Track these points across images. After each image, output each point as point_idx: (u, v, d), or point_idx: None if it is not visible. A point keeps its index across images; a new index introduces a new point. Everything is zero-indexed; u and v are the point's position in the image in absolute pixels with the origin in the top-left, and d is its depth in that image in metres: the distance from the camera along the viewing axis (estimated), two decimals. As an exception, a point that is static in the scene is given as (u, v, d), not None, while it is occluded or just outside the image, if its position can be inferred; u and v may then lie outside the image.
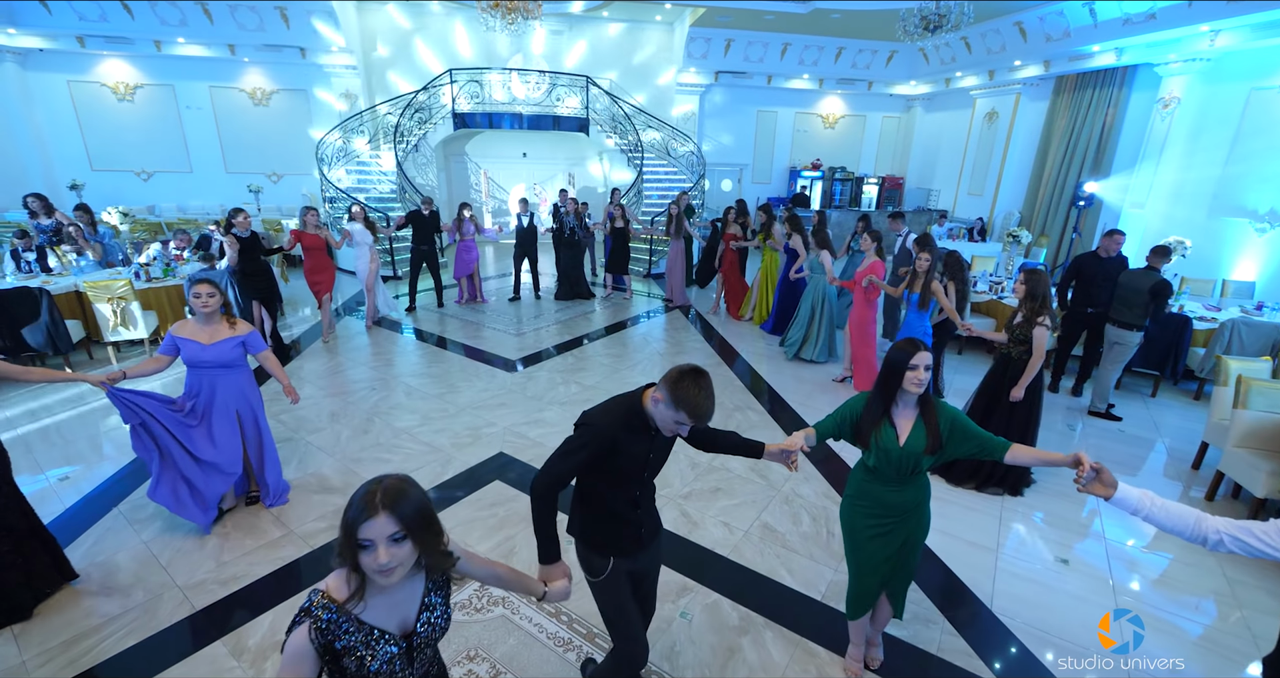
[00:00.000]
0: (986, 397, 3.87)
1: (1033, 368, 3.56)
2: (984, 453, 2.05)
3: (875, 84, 13.59)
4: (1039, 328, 3.49)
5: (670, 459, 4.23)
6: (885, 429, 2.11)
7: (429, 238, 7.41)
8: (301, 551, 3.15)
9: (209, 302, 3.08)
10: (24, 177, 11.35)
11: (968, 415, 3.97)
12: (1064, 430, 4.90)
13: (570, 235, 8.17)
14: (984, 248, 9.92)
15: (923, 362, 2.02)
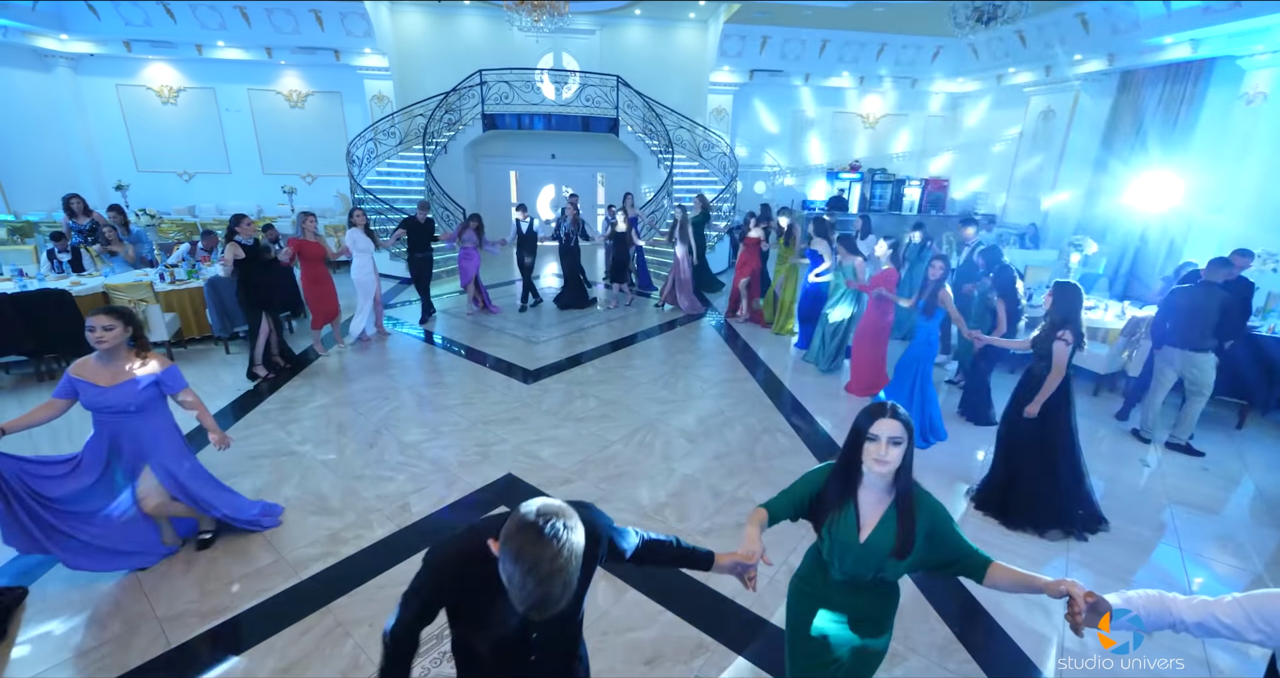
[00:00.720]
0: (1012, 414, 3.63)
1: (1050, 384, 3.36)
2: (961, 569, 1.59)
3: (919, 81, 12.94)
4: (1058, 342, 3.28)
5: (689, 488, 4.00)
6: (845, 517, 1.61)
7: (425, 246, 7.12)
8: (289, 580, 2.94)
9: (104, 336, 2.59)
10: (74, 178, 11.72)
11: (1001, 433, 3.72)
12: (1135, 466, 4.38)
13: (568, 242, 7.90)
14: (1038, 256, 9.26)
15: (887, 432, 1.49)
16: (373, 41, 11.12)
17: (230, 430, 4.51)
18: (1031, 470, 3.49)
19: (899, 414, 1.51)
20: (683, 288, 8.15)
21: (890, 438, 1.50)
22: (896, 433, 1.50)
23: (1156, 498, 3.96)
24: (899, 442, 1.50)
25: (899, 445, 1.50)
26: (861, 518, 1.62)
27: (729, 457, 4.23)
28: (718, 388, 5.50)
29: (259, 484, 3.77)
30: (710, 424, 4.74)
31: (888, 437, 1.50)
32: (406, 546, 3.18)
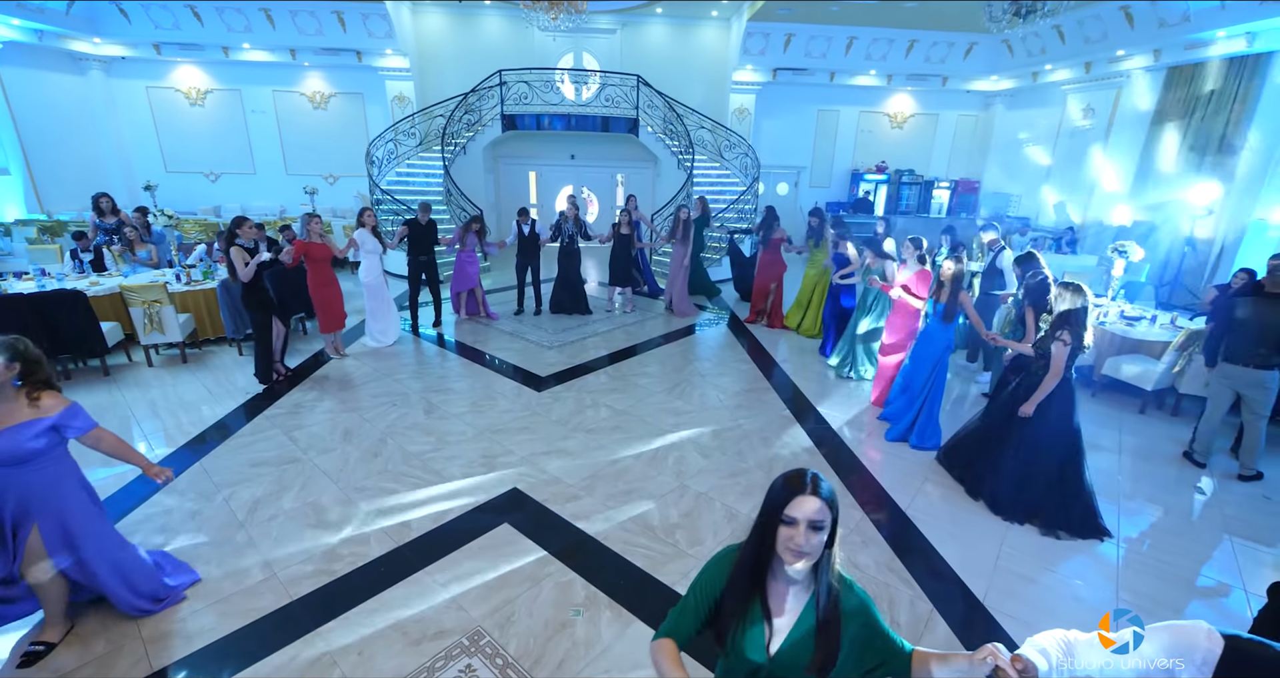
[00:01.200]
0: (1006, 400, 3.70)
1: (1046, 385, 3.36)
2: (885, 672, 1.33)
3: (951, 79, 12.50)
4: (1056, 343, 3.26)
5: (702, 507, 3.78)
6: (750, 625, 1.31)
7: (427, 249, 6.85)
8: (280, 601, 2.81)
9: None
10: (105, 178, 11.95)
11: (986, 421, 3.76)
12: (1186, 493, 4.04)
13: (570, 244, 7.66)
14: (1076, 261, 8.83)
15: (806, 514, 1.18)
16: (394, 42, 11.12)
17: (237, 435, 4.45)
18: (1016, 458, 3.56)
19: (821, 489, 1.21)
20: (678, 291, 7.97)
21: (810, 522, 1.18)
22: (818, 515, 1.18)
23: (1213, 529, 3.63)
24: (820, 526, 1.19)
25: (820, 531, 1.19)
26: (771, 626, 1.30)
27: (745, 474, 4.01)
28: (735, 399, 5.28)
29: (259, 494, 3.66)
30: (726, 438, 4.53)
31: (807, 520, 1.18)
32: (402, 567, 3.03)
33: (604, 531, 3.36)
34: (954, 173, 13.72)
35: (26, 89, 10.41)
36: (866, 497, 3.77)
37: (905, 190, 13.29)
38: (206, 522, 3.40)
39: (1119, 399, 5.45)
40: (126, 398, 5.10)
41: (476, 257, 7.24)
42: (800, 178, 13.79)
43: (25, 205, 10.34)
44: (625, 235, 7.71)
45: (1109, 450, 4.58)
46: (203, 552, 3.14)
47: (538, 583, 2.94)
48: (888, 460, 4.26)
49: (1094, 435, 4.79)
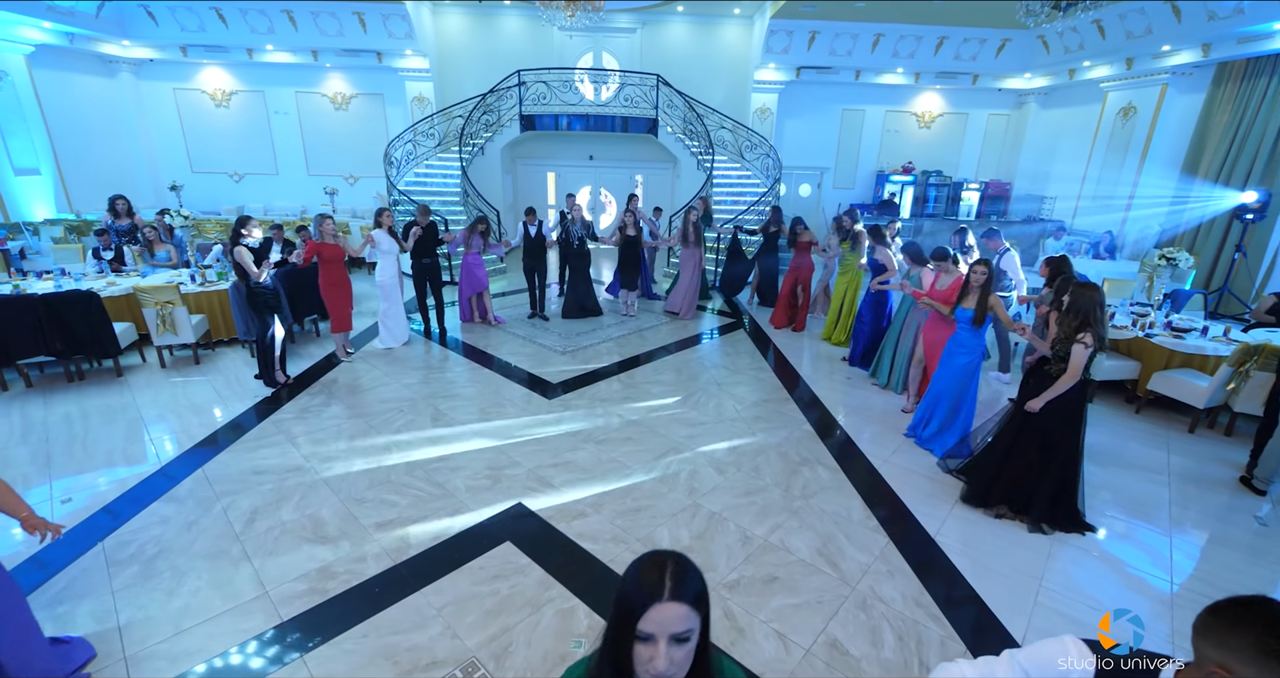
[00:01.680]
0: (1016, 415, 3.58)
1: (1061, 384, 3.27)
2: None
3: (981, 77, 12.07)
4: (1077, 345, 3.17)
5: (715, 529, 3.56)
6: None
7: (430, 251, 6.69)
8: (270, 621, 2.68)
9: None
10: (133, 179, 12.18)
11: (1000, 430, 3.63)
12: (1244, 522, 3.71)
13: (578, 246, 7.46)
14: (1114, 267, 8.41)
15: (665, 627, 0.90)
16: (414, 43, 11.10)
17: (242, 440, 4.37)
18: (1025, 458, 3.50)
19: (684, 591, 0.93)
20: (689, 296, 7.77)
21: (673, 635, 0.91)
22: (681, 625, 0.91)
23: (1274, 564, 3.31)
24: (686, 637, 0.92)
25: (684, 644, 0.93)
26: None
27: (762, 493, 3.79)
28: (753, 409, 5.06)
29: (258, 504, 3.56)
30: (742, 452, 4.31)
31: (668, 635, 0.91)
32: (398, 587, 2.89)
33: (610, 552, 3.17)
34: (984, 174, 13.27)
35: (58, 91, 10.60)
36: (892, 520, 3.53)
37: (933, 192, 12.88)
38: (203, 533, 3.30)
39: (1165, 416, 5.10)
40: (137, 400, 5.07)
41: (483, 259, 7.10)
42: (823, 179, 13.46)
43: (55, 205, 10.54)
44: (632, 237, 7.50)
45: (1155, 472, 4.26)
46: (195, 565, 3.04)
47: (538, 610, 2.77)
48: (913, 479, 4.01)
49: (1138, 455, 4.49)
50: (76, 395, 5.13)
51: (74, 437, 4.39)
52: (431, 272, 6.80)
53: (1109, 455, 4.43)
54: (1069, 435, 3.40)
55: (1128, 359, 5.18)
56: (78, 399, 5.05)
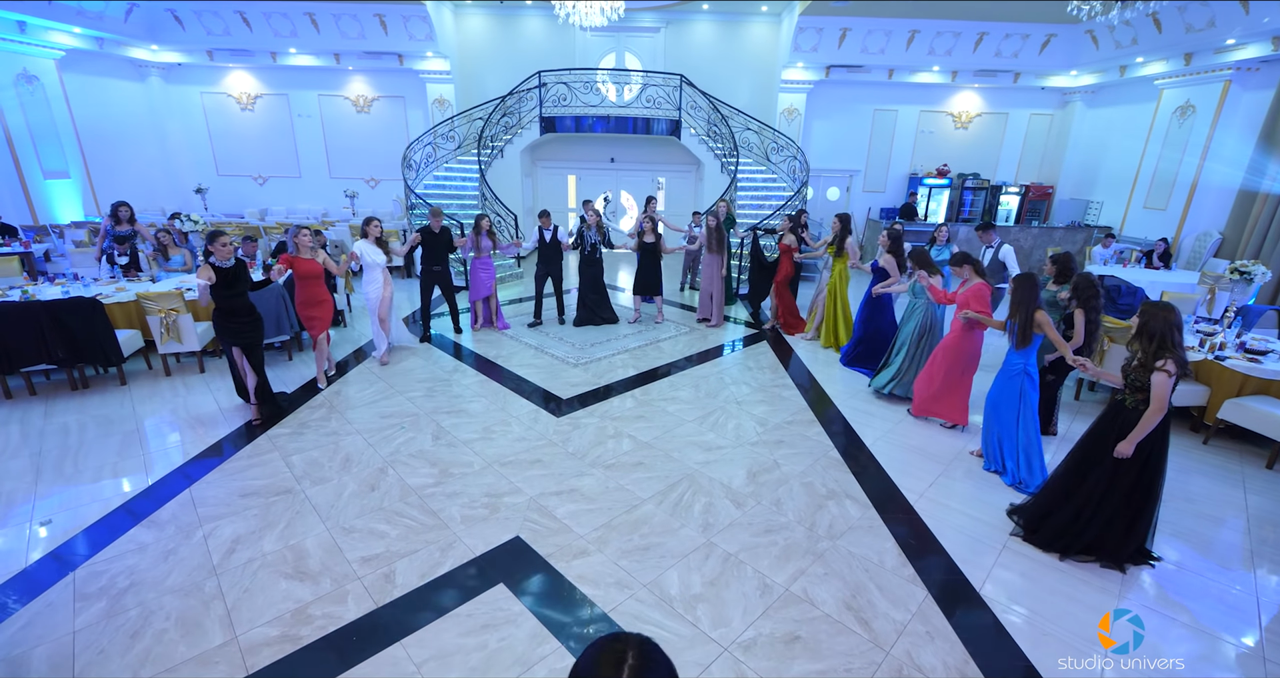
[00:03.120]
0: (1088, 449, 3.17)
1: (1149, 421, 2.86)
2: None
3: (1024, 75, 11.46)
4: (1159, 373, 2.79)
5: (731, 573, 3.18)
6: None
7: (441, 258, 6.50)
8: (235, 673, 2.44)
9: None
10: (160, 182, 12.34)
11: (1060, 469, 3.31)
12: (1345, 578, 3.22)
13: (592, 252, 7.20)
14: (1170, 277, 7.80)
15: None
16: (434, 45, 11.00)
17: (234, 458, 4.19)
18: (1094, 499, 3.13)
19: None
20: (717, 303, 7.48)
21: None
22: None
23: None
24: None
25: None
26: None
27: (784, 531, 3.43)
28: (775, 433, 4.69)
29: (241, 531, 3.34)
30: (763, 482, 3.96)
31: None
32: (376, 636, 2.62)
33: (613, 600, 2.86)
34: (1024, 177, 12.63)
35: (88, 95, 10.76)
36: (931, 570, 3.14)
37: (969, 196, 12.29)
38: (179, 564, 3.08)
39: (1239, 448, 4.58)
40: (138, 410, 4.94)
41: (491, 262, 6.87)
42: (853, 182, 12.97)
43: (82, 208, 10.68)
44: (650, 243, 7.21)
45: (1232, 509, 3.78)
46: (165, 602, 2.81)
47: (529, 668, 2.47)
48: (953, 517, 3.60)
49: (1208, 491, 4.01)
50: (78, 404, 5.02)
51: (67, 450, 4.25)
52: (442, 278, 6.60)
53: (1172, 491, 3.94)
54: (1150, 468, 3.01)
55: (1194, 384, 4.67)
56: (79, 408, 4.94)
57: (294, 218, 12.59)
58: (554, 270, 7.25)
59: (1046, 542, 3.28)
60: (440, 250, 6.45)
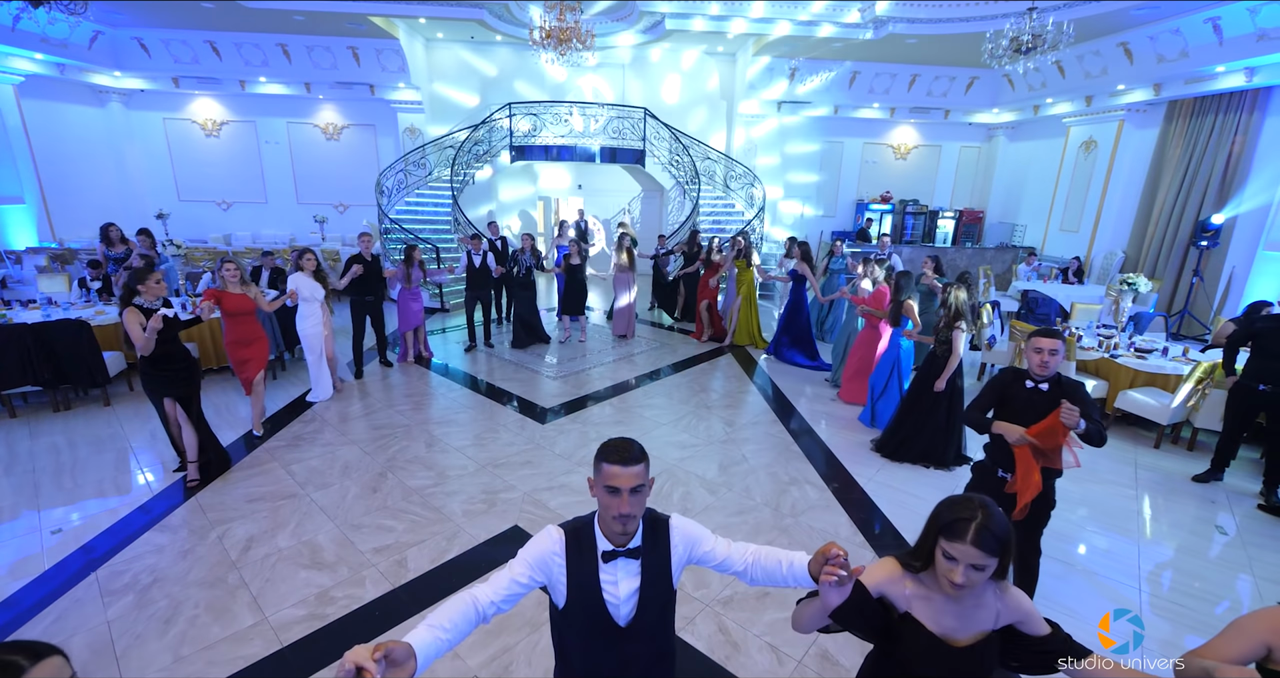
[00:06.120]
0: (916, 389, 4.61)
1: (951, 364, 4.32)
2: None
3: (953, 112, 12.68)
4: (956, 331, 4.25)
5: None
6: None
7: (374, 287, 6.17)
8: (270, 648, 2.70)
9: None
10: (118, 207, 12.13)
11: (901, 406, 4.75)
12: (1197, 528, 3.88)
13: (526, 275, 7.42)
14: (1082, 291, 8.78)
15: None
16: (406, 76, 11.39)
17: (234, 469, 4.38)
18: (917, 418, 4.58)
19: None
20: (627, 315, 8.13)
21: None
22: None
23: (1233, 568, 3.48)
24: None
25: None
26: None
27: (753, 512, 3.89)
28: (742, 432, 5.19)
29: (253, 531, 3.57)
30: (733, 473, 4.42)
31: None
32: (396, 610, 2.92)
33: (607, 573, 3.24)
34: (958, 203, 13.81)
35: (46, 120, 10.66)
36: (878, 537, 3.65)
37: (910, 220, 13.35)
38: (199, 561, 3.30)
39: (1133, 433, 5.33)
40: (126, 429, 5.05)
41: (421, 292, 6.73)
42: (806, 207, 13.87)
43: (37, 233, 10.48)
44: (577, 265, 7.58)
45: (1124, 485, 4.45)
46: (191, 593, 3.04)
47: (537, 629, 2.82)
48: (898, 496, 4.14)
49: (1108, 470, 4.68)
50: (63, 425, 5.09)
51: (62, 466, 4.36)
52: (373, 309, 6.39)
53: (1083, 472, 4.60)
54: (955, 397, 4.46)
55: (1096, 378, 5.42)
56: (64, 429, 5.01)
57: (260, 243, 12.59)
58: (484, 295, 7.30)
59: (894, 453, 4.65)
60: (371, 280, 6.17)
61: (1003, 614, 1.38)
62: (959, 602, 1.37)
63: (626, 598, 1.48)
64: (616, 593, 1.47)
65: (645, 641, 1.53)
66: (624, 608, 1.49)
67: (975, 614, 1.36)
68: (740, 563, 1.53)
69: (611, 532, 1.45)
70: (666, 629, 1.61)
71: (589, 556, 1.47)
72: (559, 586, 1.47)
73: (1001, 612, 1.38)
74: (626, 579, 1.48)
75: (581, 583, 1.46)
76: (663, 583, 1.51)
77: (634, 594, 1.48)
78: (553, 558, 1.45)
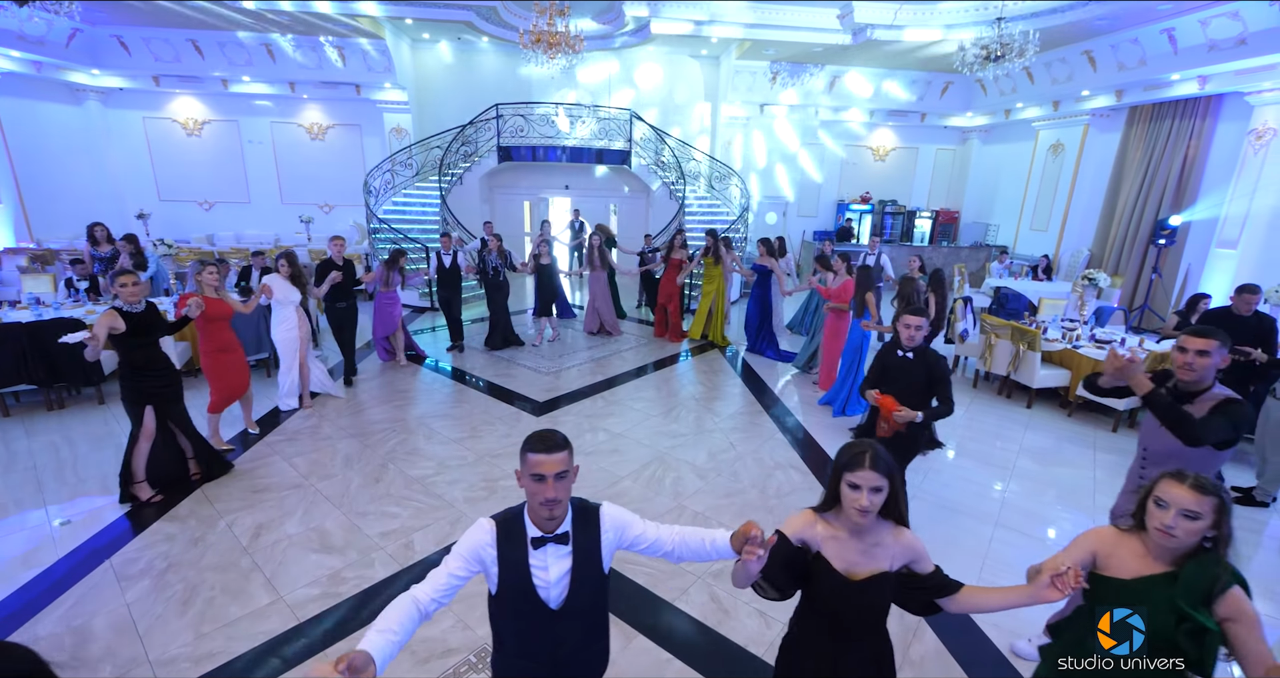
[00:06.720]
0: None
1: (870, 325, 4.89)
2: None
3: (929, 116, 13.10)
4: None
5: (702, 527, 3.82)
6: None
7: (348, 293, 6.01)
8: (287, 623, 2.84)
9: None
10: (97, 207, 11.99)
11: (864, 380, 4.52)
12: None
13: (495, 276, 7.33)
14: (1051, 287, 9.18)
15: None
16: (392, 76, 11.44)
17: (237, 462, 4.48)
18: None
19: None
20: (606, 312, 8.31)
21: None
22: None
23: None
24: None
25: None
26: None
27: (741, 494, 4.12)
28: (729, 421, 5.41)
29: (261, 520, 3.70)
30: (722, 459, 4.65)
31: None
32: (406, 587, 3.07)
33: (605, 551, 3.43)
34: (934, 203, 14.24)
35: (22, 119, 10.53)
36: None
37: (889, 220, 13.74)
38: (210, 548, 3.42)
39: (1094, 419, 5.67)
40: (122, 427, 5.07)
41: (398, 296, 6.66)
42: (789, 208, 14.21)
43: (14, 234, 10.35)
44: (546, 265, 7.59)
45: (1084, 468, 4.76)
46: (207, 577, 3.17)
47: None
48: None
49: (1069, 454, 4.99)
50: (59, 423, 5.13)
51: (63, 463, 4.42)
52: (347, 315, 6.15)
53: (1049, 455, 4.92)
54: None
55: (1061, 369, 5.76)
56: (60, 427, 5.06)
57: (244, 244, 12.54)
58: (454, 296, 7.22)
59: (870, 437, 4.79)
60: (345, 284, 5.96)
61: (897, 554, 1.59)
62: (861, 539, 1.58)
63: (557, 581, 1.57)
64: (547, 577, 1.56)
65: (577, 622, 1.62)
66: (554, 591, 1.57)
67: (874, 552, 1.58)
68: (669, 544, 1.67)
69: (540, 518, 1.55)
70: (599, 611, 1.72)
71: (519, 543, 1.55)
72: (492, 573, 1.55)
73: (896, 552, 1.59)
74: (557, 563, 1.57)
75: (511, 569, 1.54)
76: (593, 566, 1.61)
77: (564, 577, 1.57)
78: (484, 549, 1.53)
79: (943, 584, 1.61)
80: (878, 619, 1.64)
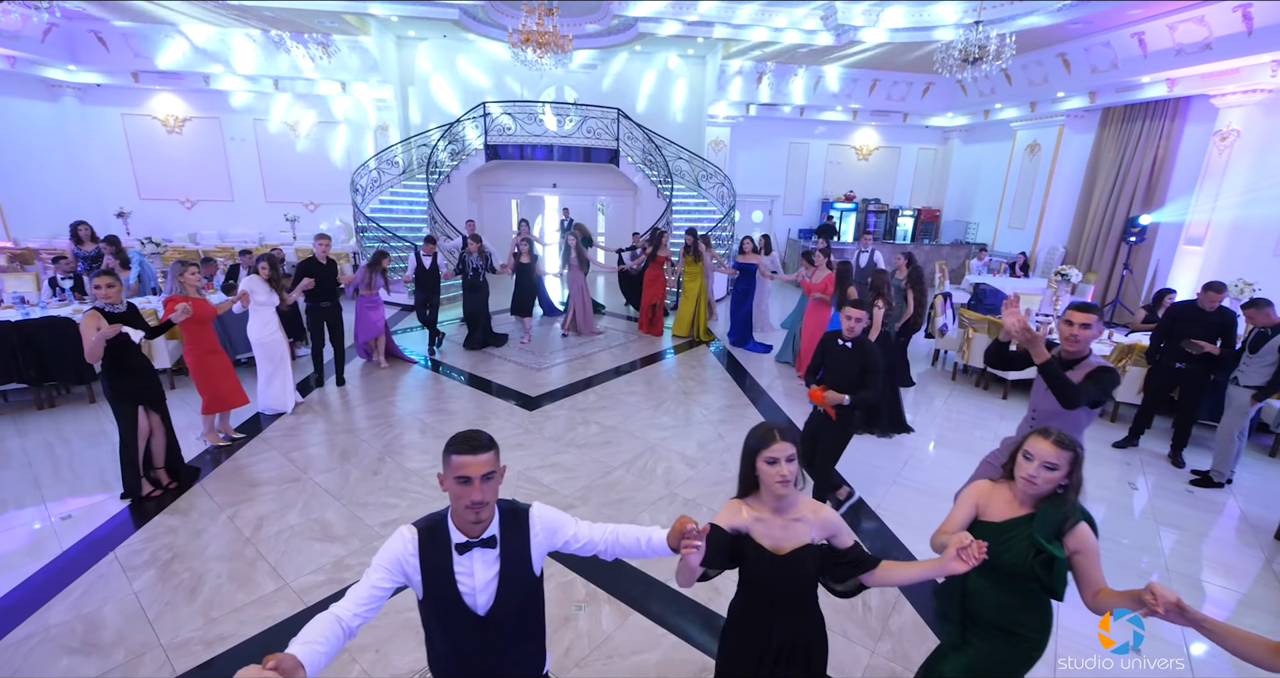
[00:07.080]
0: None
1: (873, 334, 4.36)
2: None
3: (911, 116, 13.36)
4: (876, 310, 4.42)
5: (691, 513, 4.01)
6: None
7: (330, 293, 5.89)
8: (294, 608, 2.93)
9: None
10: (75, 205, 11.80)
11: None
12: (1117, 487, 4.43)
13: (474, 277, 7.34)
14: (1027, 283, 9.47)
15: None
16: (377, 73, 11.42)
17: (234, 457, 4.53)
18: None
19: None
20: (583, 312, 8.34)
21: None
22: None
23: (1148, 522, 4.01)
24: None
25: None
26: None
27: (730, 482, 4.21)
28: (718, 414, 5.56)
29: (262, 512, 3.77)
30: (711, 449, 4.79)
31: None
32: (412, 573, 3.18)
33: (601, 537, 3.56)
34: (916, 202, 14.53)
35: (-4, 115, 10.35)
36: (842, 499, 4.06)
37: (873, 218, 14.00)
38: (214, 539, 3.49)
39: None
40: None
41: (380, 299, 6.59)
42: (774, 206, 14.42)
43: (-8, 232, 10.18)
44: (526, 264, 7.59)
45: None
46: (212, 566, 3.24)
47: (542, 586, 3.12)
48: (857, 468, 4.57)
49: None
50: (51, 422, 5.13)
51: (59, 460, 4.44)
52: (331, 315, 6.02)
53: (1023, 444, 5.13)
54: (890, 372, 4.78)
55: (1036, 362, 5.99)
56: (53, 426, 5.06)
57: (228, 242, 12.44)
58: (433, 298, 7.19)
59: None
60: (328, 284, 5.86)
61: (818, 528, 1.71)
62: (783, 514, 1.71)
63: (484, 587, 1.52)
64: (473, 583, 1.51)
65: (507, 627, 1.57)
66: (481, 597, 1.52)
67: (796, 527, 1.70)
68: (602, 543, 1.65)
69: (465, 523, 1.49)
70: (531, 615, 1.65)
71: (442, 550, 1.50)
72: (415, 582, 1.50)
73: (817, 526, 1.71)
74: (484, 568, 1.52)
75: (435, 577, 1.49)
76: (522, 571, 1.56)
77: (492, 582, 1.52)
78: (406, 558, 1.48)
79: (861, 559, 1.73)
80: (806, 590, 1.75)
